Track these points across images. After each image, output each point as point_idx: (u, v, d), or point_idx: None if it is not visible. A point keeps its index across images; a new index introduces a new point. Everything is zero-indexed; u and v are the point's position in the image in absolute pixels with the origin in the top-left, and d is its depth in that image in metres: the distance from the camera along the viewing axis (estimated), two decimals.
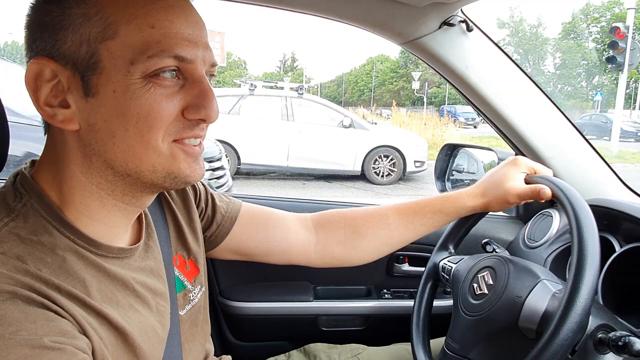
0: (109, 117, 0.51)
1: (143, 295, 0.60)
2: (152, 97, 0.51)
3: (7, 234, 0.49)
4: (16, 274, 0.46)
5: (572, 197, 0.74)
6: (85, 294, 0.51)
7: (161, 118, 0.52)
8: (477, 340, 0.80)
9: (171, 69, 0.52)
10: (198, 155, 0.58)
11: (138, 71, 0.50)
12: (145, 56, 0.50)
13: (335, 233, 0.93)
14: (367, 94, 61.16)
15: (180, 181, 0.57)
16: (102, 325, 0.52)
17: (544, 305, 0.70)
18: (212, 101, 0.55)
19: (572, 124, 1.11)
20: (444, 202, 0.92)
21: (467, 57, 1.02)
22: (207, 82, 0.56)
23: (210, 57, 0.57)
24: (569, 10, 69.52)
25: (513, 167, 0.89)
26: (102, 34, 0.50)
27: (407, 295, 1.31)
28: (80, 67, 0.50)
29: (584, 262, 0.64)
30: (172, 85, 0.53)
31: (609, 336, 0.67)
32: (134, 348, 0.56)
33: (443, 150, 1.56)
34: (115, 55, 0.50)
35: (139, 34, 0.50)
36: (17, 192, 0.54)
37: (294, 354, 1.11)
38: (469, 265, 0.90)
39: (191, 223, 0.78)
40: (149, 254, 0.65)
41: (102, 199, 0.56)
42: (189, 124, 0.55)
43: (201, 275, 0.78)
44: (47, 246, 0.51)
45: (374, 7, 0.96)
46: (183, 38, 0.52)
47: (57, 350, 0.44)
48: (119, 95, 0.50)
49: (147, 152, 0.53)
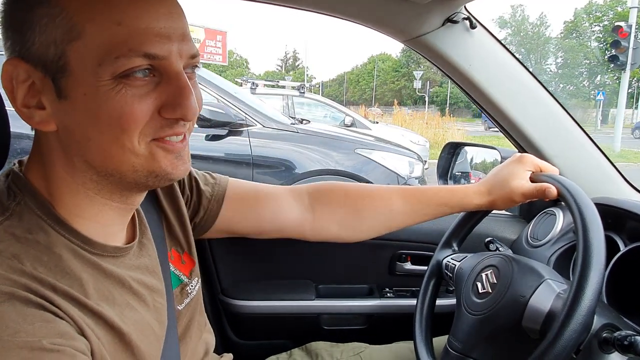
0: (82, 120, 0.50)
1: (140, 293, 0.60)
2: (122, 99, 0.49)
3: (2, 233, 0.48)
4: (13, 274, 0.45)
5: (578, 197, 0.73)
6: (82, 294, 0.51)
7: (134, 120, 0.50)
8: (480, 339, 0.80)
9: (143, 68, 0.49)
10: (180, 150, 0.56)
11: (106, 73, 0.48)
12: (113, 57, 0.47)
13: (334, 212, 0.91)
14: (368, 93, 61.12)
15: (163, 179, 0.55)
16: (99, 325, 0.52)
17: (548, 305, 0.69)
18: (189, 99, 0.52)
19: (575, 122, 1.10)
20: (451, 196, 0.91)
21: (470, 54, 1.02)
22: (184, 78, 0.52)
23: (188, 49, 0.53)
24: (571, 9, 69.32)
25: (519, 164, 0.88)
26: (68, 34, 0.48)
27: (409, 294, 1.31)
28: (50, 69, 0.49)
29: (589, 262, 0.64)
30: (145, 84, 0.50)
31: (614, 335, 0.66)
32: (132, 347, 0.55)
33: (445, 149, 1.56)
34: (82, 56, 0.48)
35: (104, 32, 0.48)
36: (10, 191, 0.53)
37: (296, 353, 1.11)
38: (472, 263, 0.89)
39: (180, 215, 0.77)
40: (144, 252, 0.65)
41: (90, 198, 0.55)
42: (167, 122, 0.53)
43: (197, 267, 0.77)
44: (43, 244, 0.50)
45: (376, 4, 0.96)
46: (153, 34, 0.49)
47: (57, 352, 0.44)
48: (89, 98, 0.48)
49: (124, 154, 0.51)
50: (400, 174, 3.76)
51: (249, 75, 36.91)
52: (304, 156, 3.55)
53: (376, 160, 3.71)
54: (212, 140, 3.47)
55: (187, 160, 0.57)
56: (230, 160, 3.49)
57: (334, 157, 3.61)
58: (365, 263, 1.31)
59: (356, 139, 3.97)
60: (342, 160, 3.63)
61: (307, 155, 3.56)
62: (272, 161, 3.53)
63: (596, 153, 1.10)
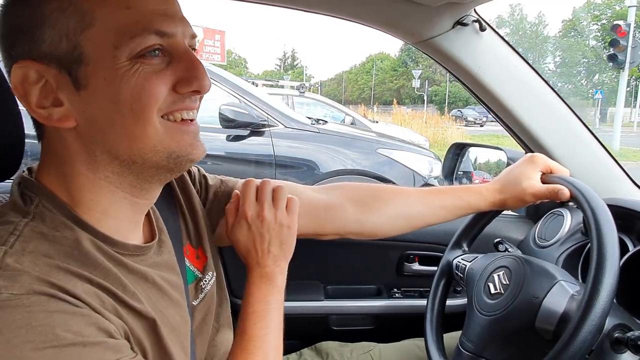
0: (104, 105, 0.51)
1: (163, 288, 0.60)
2: (142, 77, 0.51)
3: (30, 232, 0.49)
4: (49, 274, 0.46)
5: (591, 200, 0.74)
6: (114, 286, 0.51)
7: (154, 95, 0.52)
8: (492, 340, 0.80)
9: (155, 47, 0.52)
10: (196, 132, 0.58)
11: (124, 54, 0.50)
12: (128, 37, 0.49)
13: (350, 193, 0.89)
14: (367, 92, 61.11)
15: (183, 160, 0.56)
16: (132, 315, 0.53)
17: (562, 306, 0.70)
18: (203, 72, 0.55)
19: (583, 122, 1.11)
20: (466, 192, 0.91)
21: (480, 57, 1.03)
22: (193, 54, 0.55)
23: (188, 30, 0.56)
24: (569, 8, 69.36)
25: (530, 164, 0.88)
26: (80, 24, 0.49)
27: (417, 295, 1.32)
28: (64, 62, 0.50)
29: (603, 265, 0.64)
30: (159, 62, 0.52)
31: (627, 336, 0.67)
32: (159, 336, 0.56)
33: (451, 149, 1.57)
34: (97, 42, 0.49)
35: (116, 16, 0.50)
36: (25, 197, 0.53)
37: (306, 352, 1.12)
38: (483, 264, 0.90)
39: (193, 209, 0.77)
40: (163, 249, 0.65)
41: (112, 193, 0.56)
42: (180, 97, 0.55)
43: (210, 261, 0.77)
44: (71, 239, 0.51)
45: (387, 7, 0.96)
46: (160, 14, 0.52)
47: (99, 345, 0.45)
48: (109, 82, 0.50)
49: (145, 132, 0.52)
50: (421, 174, 3.77)
51: (247, 75, 36.86)
52: (326, 156, 3.57)
53: (397, 160, 3.72)
54: (234, 140, 3.50)
55: (202, 143, 0.59)
56: (252, 161, 3.52)
57: (355, 157, 3.63)
58: (373, 264, 1.32)
59: (377, 139, 4.00)
60: (364, 160, 3.64)
61: (329, 155, 3.58)
62: (295, 161, 3.56)
63: (603, 154, 1.11)
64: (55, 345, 0.42)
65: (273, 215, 0.73)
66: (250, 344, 0.67)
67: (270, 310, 0.70)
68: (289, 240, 0.75)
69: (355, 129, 5.13)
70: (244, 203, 0.74)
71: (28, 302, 0.43)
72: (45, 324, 0.43)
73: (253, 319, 0.69)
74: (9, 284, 0.43)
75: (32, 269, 0.45)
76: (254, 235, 0.73)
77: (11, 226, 0.49)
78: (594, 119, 29.48)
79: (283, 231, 0.73)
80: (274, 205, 0.74)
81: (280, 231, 0.73)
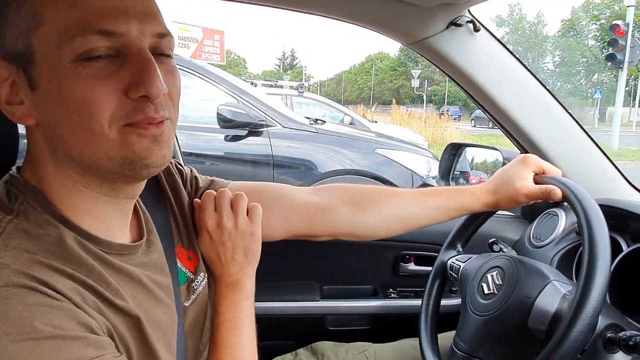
0: (53, 108, 0.49)
1: (150, 288, 0.60)
2: (83, 81, 0.47)
3: (13, 230, 0.48)
4: (29, 268, 0.46)
5: (583, 200, 0.74)
6: (97, 283, 0.51)
7: (98, 102, 0.48)
8: (485, 340, 0.81)
9: (103, 49, 0.48)
10: (156, 134, 0.52)
11: (66, 55, 0.47)
12: (69, 37, 0.47)
13: (343, 194, 0.88)
14: (366, 92, 61.12)
15: (138, 166, 0.52)
16: (116, 313, 0.52)
17: (554, 306, 0.70)
18: (152, 74, 0.49)
19: (577, 123, 1.11)
20: (460, 193, 0.91)
21: (474, 57, 1.03)
22: (147, 54, 0.50)
23: (152, 28, 0.51)
24: (568, 7, 69.46)
25: (522, 165, 0.89)
26: (31, 23, 0.48)
27: (413, 295, 1.32)
28: (20, 61, 0.49)
29: (594, 265, 0.65)
30: (106, 65, 0.49)
31: (619, 335, 0.67)
32: (145, 334, 0.55)
33: (447, 149, 1.57)
34: (44, 42, 0.48)
35: (60, 15, 0.47)
36: (10, 194, 0.53)
37: (302, 353, 1.12)
38: (477, 264, 0.90)
39: (184, 210, 0.76)
40: (152, 249, 0.65)
41: (82, 193, 0.54)
42: (137, 106, 0.50)
43: (201, 263, 0.76)
44: (55, 237, 0.50)
45: (381, 7, 0.97)
46: (108, 10, 0.48)
47: (79, 339, 0.45)
48: (53, 84, 0.48)
49: (94, 139, 0.49)
50: (419, 173, 3.78)
51: (247, 75, 36.85)
52: (324, 156, 3.57)
53: (396, 160, 3.72)
54: (232, 140, 3.51)
55: (165, 147, 0.54)
56: (250, 161, 3.53)
57: (354, 157, 3.63)
58: (369, 264, 1.32)
59: (376, 139, 4.00)
60: (362, 160, 3.64)
61: (328, 155, 3.58)
62: (293, 161, 3.56)
63: (597, 154, 1.11)
64: (34, 338, 0.42)
65: (233, 223, 0.73)
66: (225, 352, 0.67)
67: (241, 317, 0.70)
68: (253, 247, 0.74)
69: (353, 129, 5.13)
70: (203, 214, 0.74)
71: (7, 294, 0.43)
72: (24, 317, 0.42)
73: (224, 328, 0.69)
74: None
75: (13, 262, 0.45)
76: (216, 244, 0.73)
77: None
78: (592, 118, 29.52)
79: (246, 238, 0.73)
80: (234, 213, 0.74)
81: (243, 238, 0.73)
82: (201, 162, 3.40)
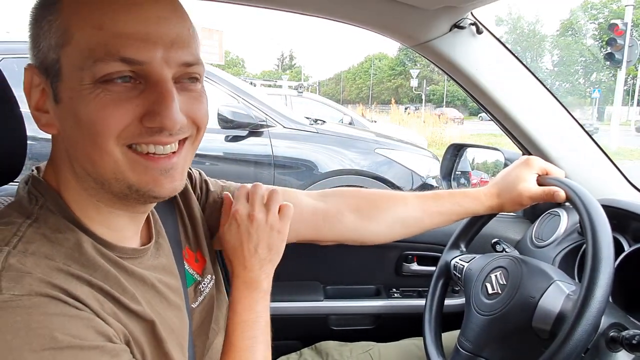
0: (70, 125, 0.51)
1: (161, 291, 0.61)
2: (100, 103, 0.48)
3: (32, 234, 0.49)
4: (51, 276, 0.47)
5: (586, 201, 0.75)
6: (114, 289, 0.52)
7: (107, 124, 0.49)
8: (490, 339, 0.81)
9: (124, 75, 0.49)
10: (166, 166, 0.53)
11: (87, 77, 0.48)
12: (91, 61, 0.48)
13: (349, 201, 0.89)
14: (365, 92, 61.12)
15: (145, 196, 0.53)
16: (132, 318, 0.53)
17: (558, 306, 0.71)
18: (169, 108, 0.50)
19: (579, 123, 1.12)
20: (463, 197, 0.92)
21: (476, 59, 1.04)
22: (167, 85, 0.50)
23: (179, 57, 0.51)
24: (567, 7, 69.48)
25: (525, 167, 0.90)
26: (61, 39, 0.49)
27: (416, 294, 1.33)
28: (49, 73, 0.51)
29: (598, 266, 0.66)
30: (126, 90, 0.49)
31: (622, 334, 0.68)
32: (159, 338, 0.56)
33: (449, 150, 1.57)
34: (70, 61, 0.49)
35: (86, 37, 0.48)
36: (31, 196, 0.54)
37: (306, 352, 1.13)
38: (481, 264, 0.91)
39: (192, 213, 0.77)
40: (160, 252, 0.66)
41: (96, 205, 0.55)
42: (147, 130, 0.51)
43: (209, 265, 0.77)
44: (73, 241, 0.51)
45: (384, 10, 0.97)
46: (134, 38, 0.48)
47: (97, 349, 0.46)
48: (73, 102, 0.50)
49: (102, 158, 0.51)
50: (419, 173, 3.78)
51: (245, 75, 36.81)
52: (324, 156, 3.57)
53: (396, 160, 3.72)
54: (232, 141, 3.50)
55: (177, 179, 0.55)
56: (251, 161, 3.52)
57: (354, 157, 3.63)
58: (372, 264, 1.33)
59: (376, 139, 3.99)
60: (362, 160, 3.64)
61: (328, 155, 3.58)
62: (293, 162, 3.56)
63: (599, 154, 1.12)
64: (53, 348, 0.43)
65: (264, 216, 0.73)
66: (237, 356, 0.67)
67: (257, 319, 0.70)
68: (278, 244, 0.74)
69: (353, 129, 5.13)
70: (236, 203, 0.75)
71: (29, 303, 0.44)
72: (44, 327, 0.43)
73: (240, 329, 0.69)
74: (11, 284, 0.44)
75: (34, 270, 0.46)
76: (242, 234, 0.72)
77: (14, 227, 0.50)
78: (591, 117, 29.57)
79: (273, 234, 0.73)
80: (266, 207, 0.74)
81: (270, 234, 0.73)
82: (201, 163, 3.40)
